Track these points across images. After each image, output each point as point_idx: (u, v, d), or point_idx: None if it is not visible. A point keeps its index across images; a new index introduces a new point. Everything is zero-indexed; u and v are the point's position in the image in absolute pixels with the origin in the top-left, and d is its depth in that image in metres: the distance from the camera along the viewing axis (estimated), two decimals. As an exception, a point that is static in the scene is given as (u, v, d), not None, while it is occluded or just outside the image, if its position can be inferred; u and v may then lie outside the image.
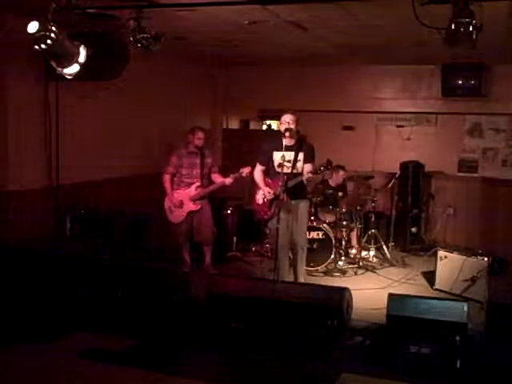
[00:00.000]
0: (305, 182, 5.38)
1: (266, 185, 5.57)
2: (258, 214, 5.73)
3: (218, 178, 6.25)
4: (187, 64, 7.93)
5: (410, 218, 7.77)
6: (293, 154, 5.35)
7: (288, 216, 5.40)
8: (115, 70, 4.93)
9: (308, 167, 5.40)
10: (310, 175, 5.29)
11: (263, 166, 5.62)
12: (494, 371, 3.85)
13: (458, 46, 3.64)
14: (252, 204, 5.83)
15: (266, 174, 5.64)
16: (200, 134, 6.15)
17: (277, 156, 5.42)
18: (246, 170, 5.91)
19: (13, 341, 4.27)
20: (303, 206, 5.57)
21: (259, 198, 5.63)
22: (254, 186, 5.76)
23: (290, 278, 5.73)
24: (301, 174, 5.39)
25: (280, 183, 5.22)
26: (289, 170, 5.30)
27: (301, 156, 5.39)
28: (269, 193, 5.45)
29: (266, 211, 5.59)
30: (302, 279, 5.68)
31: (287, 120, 5.29)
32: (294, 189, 5.33)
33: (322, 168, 5.16)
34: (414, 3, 3.46)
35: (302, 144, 5.44)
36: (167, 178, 6.19)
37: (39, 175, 5.65)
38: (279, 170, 5.34)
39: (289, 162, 5.30)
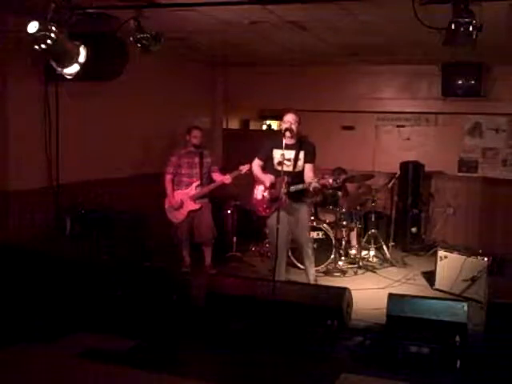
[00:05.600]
0: (310, 189, 5.38)
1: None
2: (257, 211, 5.69)
3: (218, 177, 6.26)
4: (187, 64, 7.93)
5: (410, 218, 7.76)
6: (293, 152, 5.36)
7: (288, 218, 5.41)
8: (115, 69, 4.92)
9: (309, 167, 5.41)
10: (317, 185, 5.29)
11: (261, 161, 5.62)
12: (494, 371, 3.85)
13: (458, 46, 3.64)
14: (250, 201, 5.79)
15: (265, 170, 5.63)
16: (196, 133, 6.16)
17: (277, 154, 5.42)
18: (244, 168, 5.93)
19: (13, 341, 4.27)
20: (304, 210, 5.59)
21: (258, 193, 5.62)
22: (253, 182, 5.74)
23: (287, 278, 5.75)
24: (301, 172, 5.40)
25: (283, 184, 5.21)
26: (290, 169, 5.32)
27: (301, 155, 5.40)
28: (269, 177, 5.43)
29: (264, 208, 5.56)
30: (311, 279, 5.69)
31: (289, 119, 5.29)
32: (296, 192, 5.34)
33: (331, 181, 5.20)
34: (414, 3, 3.46)
35: (302, 143, 5.45)
36: (168, 178, 6.20)
37: (39, 175, 5.65)
38: (279, 168, 5.35)
39: (289, 160, 5.31)
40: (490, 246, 6.86)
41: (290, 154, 5.33)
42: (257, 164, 5.65)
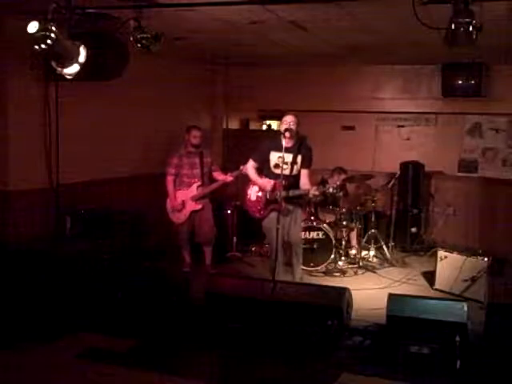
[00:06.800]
0: (310, 195, 5.38)
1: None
2: (251, 212, 5.63)
3: (219, 176, 6.26)
4: (187, 64, 7.93)
5: (410, 218, 7.77)
6: (291, 155, 5.34)
7: (284, 219, 5.40)
8: (115, 69, 4.92)
9: (304, 173, 5.40)
10: (316, 193, 5.29)
11: (255, 163, 5.57)
12: (493, 371, 3.85)
13: (458, 46, 3.64)
14: (244, 201, 5.77)
15: (260, 172, 5.62)
16: (195, 133, 6.15)
17: (274, 156, 5.40)
18: (245, 168, 5.92)
19: (13, 341, 4.27)
20: (299, 212, 5.60)
21: (252, 194, 5.60)
22: (247, 182, 5.70)
23: (287, 277, 5.74)
24: (297, 176, 5.39)
25: (280, 187, 5.21)
26: (287, 172, 5.30)
27: (299, 159, 5.38)
28: (269, 182, 5.39)
29: (259, 209, 5.53)
30: (297, 277, 5.69)
31: (288, 120, 5.28)
32: (293, 197, 5.35)
33: (330, 190, 5.21)
34: (414, 3, 3.46)
35: (301, 146, 5.42)
36: (170, 179, 6.18)
37: (39, 175, 5.65)
38: (276, 170, 5.33)
39: (286, 163, 5.29)
40: (490, 246, 6.86)
41: (288, 157, 5.30)
42: (251, 166, 5.57)
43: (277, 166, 5.29)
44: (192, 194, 6.17)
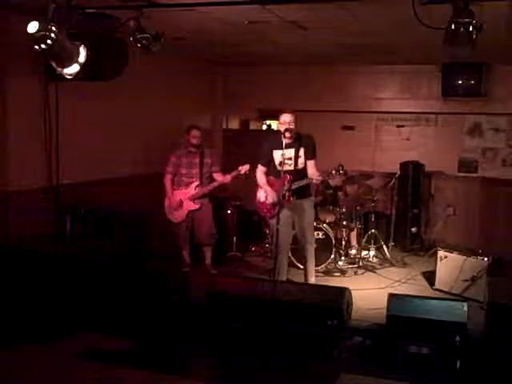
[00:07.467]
0: (313, 181, 5.38)
1: (270, 183, 5.56)
2: (261, 212, 5.69)
3: (219, 177, 6.25)
4: (187, 64, 7.93)
5: (410, 218, 7.77)
6: (293, 151, 5.36)
7: (293, 215, 5.41)
8: (115, 69, 4.92)
9: (311, 164, 5.41)
10: (320, 178, 5.29)
11: (264, 167, 5.61)
12: (494, 371, 3.85)
13: (458, 46, 3.64)
14: (254, 203, 5.79)
15: (268, 173, 5.63)
16: (195, 133, 6.15)
17: (277, 155, 5.42)
18: (244, 168, 5.93)
19: (13, 341, 4.27)
20: (308, 205, 5.59)
21: (261, 195, 5.62)
22: (256, 185, 5.73)
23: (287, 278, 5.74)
24: (303, 169, 5.39)
25: (286, 182, 5.22)
26: (291, 168, 5.32)
27: (301, 152, 5.40)
28: (272, 197, 5.44)
29: (268, 209, 5.56)
30: (312, 279, 5.68)
31: (286, 120, 5.29)
32: (299, 189, 5.34)
33: (333, 172, 5.21)
34: (414, 3, 3.46)
35: (301, 139, 5.43)
36: (168, 178, 6.20)
37: (39, 175, 5.64)
38: (281, 168, 5.35)
39: (290, 159, 5.32)
40: (489, 246, 6.86)
41: (290, 152, 5.33)
42: (261, 171, 5.62)
43: (281, 163, 5.30)
44: (190, 194, 6.17)
